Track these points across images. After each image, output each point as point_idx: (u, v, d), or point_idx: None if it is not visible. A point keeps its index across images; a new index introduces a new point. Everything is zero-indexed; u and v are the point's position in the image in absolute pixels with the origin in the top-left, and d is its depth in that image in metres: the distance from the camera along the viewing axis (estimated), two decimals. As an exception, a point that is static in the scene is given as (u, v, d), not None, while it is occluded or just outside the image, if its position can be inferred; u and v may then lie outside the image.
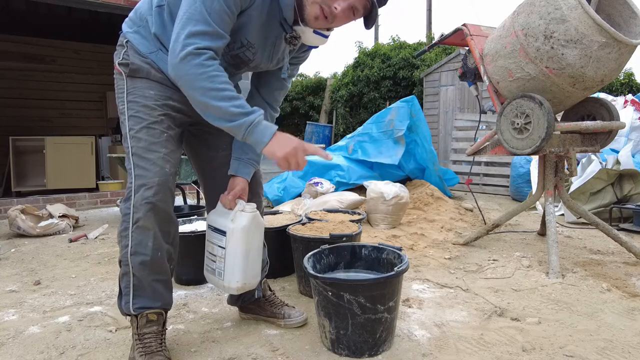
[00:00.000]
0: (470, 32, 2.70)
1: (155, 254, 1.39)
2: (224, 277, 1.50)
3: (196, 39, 1.22)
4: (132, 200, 1.36)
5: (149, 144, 1.38)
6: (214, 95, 1.23)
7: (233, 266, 1.49)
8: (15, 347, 1.60)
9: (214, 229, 1.54)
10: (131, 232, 1.37)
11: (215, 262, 1.53)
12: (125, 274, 1.41)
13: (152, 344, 1.39)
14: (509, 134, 2.42)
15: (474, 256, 2.64)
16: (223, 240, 1.49)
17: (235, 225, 1.48)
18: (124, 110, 1.40)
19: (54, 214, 3.74)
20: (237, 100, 1.26)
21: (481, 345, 1.55)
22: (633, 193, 3.54)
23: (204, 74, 1.22)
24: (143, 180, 1.36)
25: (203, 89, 1.23)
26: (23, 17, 6.41)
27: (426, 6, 15.78)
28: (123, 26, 1.45)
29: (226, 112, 1.25)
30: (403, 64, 10.23)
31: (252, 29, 1.36)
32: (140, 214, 1.35)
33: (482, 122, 5.20)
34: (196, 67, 1.22)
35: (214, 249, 1.53)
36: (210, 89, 1.23)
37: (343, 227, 2.20)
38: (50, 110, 7.16)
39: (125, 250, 1.38)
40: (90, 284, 2.30)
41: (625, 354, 1.48)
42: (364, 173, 4.17)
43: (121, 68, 1.40)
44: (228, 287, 1.52)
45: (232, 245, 1.48)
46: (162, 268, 1.43)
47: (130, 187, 1.38)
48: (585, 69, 2.15)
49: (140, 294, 1.41)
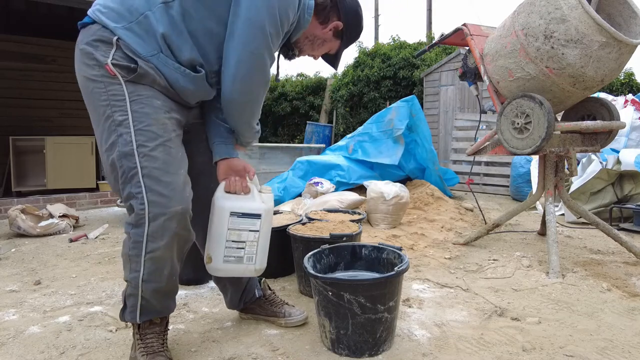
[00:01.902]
0: (471, 32, 2.70)
1: (170, 279, 1.34)
2: (256, 260, 1.49)
3: (269, 57, 1.35)
4: (145, 229, 1.22)
5: (166, 164, 1.24)
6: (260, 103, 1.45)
7: (265, 247, 1.50)
8: (16, 347, 1.60)
9: (241, 215, 1.46)
10: (144, 259, 1.26)
11: (245, 249, 1.48)
12: (133, 295, 1.32)
13: (154, 344, 1.38)
14: (509, 133, 2.42)
15: (474, 256, 2.64)
16: (257, 224, 1.47)
17: (268, 205, 1.49)
18: (126, 121, 1.22)
19: (54, 213, 3.74)
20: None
21: (481, 345, 1.55)
22: (633, 193, 3.54)
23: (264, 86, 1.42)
24: (161, 209, 1.22)
25: (262, 96, 1.42)
26: (23, 17, 6.41)
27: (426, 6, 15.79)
28: (100, 17, 1.24)
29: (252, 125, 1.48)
30: (403, 64, 10.23)
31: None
32: (158, 245, 1.24)
33: (482, 122, 5.20)
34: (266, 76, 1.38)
35: (241, 235, 1.46)
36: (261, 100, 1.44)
37: (343, 227, 2.20)
38: (51, 110, 7.15)
39: (136, 274, 1.28)
40: (90, 283, 2.30)
41: (625, 353, 1.48)
42: (364, 173, 4.17)
43: (118, 70, 1.22)
44: (260, 269, 1.51)
45: (266, 226, 1.49)
46: (173, 288, 1.39)
47: (142, 215, 1.22)
48: (585, 68, 2.15)
49: (148, 312, 1.36)
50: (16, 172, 5.33)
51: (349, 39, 1.56)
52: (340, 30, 1.51)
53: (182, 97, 1.36)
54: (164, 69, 1.27)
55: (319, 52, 1.56)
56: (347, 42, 1.57)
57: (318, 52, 1.56)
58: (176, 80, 1.30)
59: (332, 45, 1.56)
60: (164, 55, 1.26)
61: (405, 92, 9.89)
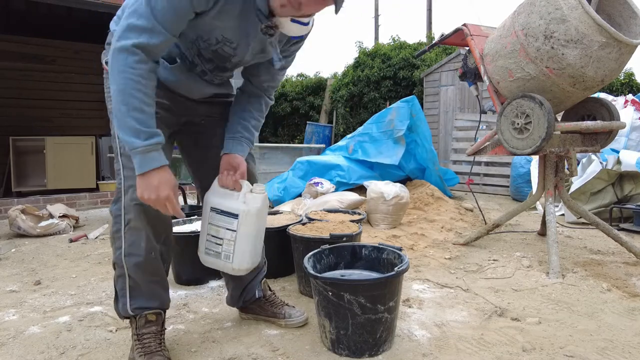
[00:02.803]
0: (471, 32, 2.70)
1: (149, 255, 1.39)
2: (234, 259, 1.47)
3: (134, 33, 1.19)
4: (122, 202, 1.35)
5: None
6: (126, 100, 1.19)
7: (244, 249, 1.47)
8: (16, 347, 1.60)
9: (220, 212, 1.47)
10: (124, 233, 1.36)
11: (222, 246, 1.48)
12: (121, 276, 1.40)
13: (151, 344, 1.39)
14: (509, 133, 2.42)
15: (474, 256, 2.64)
16: (234, 223, 1.45)
17: (249, 207, 1.44)
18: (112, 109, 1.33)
19: (54, 214, 3.74)
20: (142, 115, 1.21)
21: (481, 345, 1.55)
22: (633, 193, 3.54)
23: (128, 75, 1.19)
24: (132, 182, 1.32)
25: (121, 88, 1.20)
26: (23, 17, 6.41)
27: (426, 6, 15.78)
28: (111, 25, 1.43)
29: (126, 123, 1.20)
30: (403, 64, 10.23)
31: (227, 25, 1.31)
32: (132, 215, 1.34)
33: (482, 122, 5.20)
34: (124, 65, 1.19)
35: (219, 232, 1.47)
36: (125, 92, 1.19)
37: (343, 227, 2.20)
38: (51, 110, 7.15)
39: (119, 251, 1.38)
40: (90, 283, 2.30)
41: (625, 354, 1.48)
42: (364, 173, 4.17)
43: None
44: (238, 269, 1.49)
45: (244, 228, 1.45)
46: (156, 269, 1.43)
47: (120, 188, 1.36)
48: (585, 69, 2.15)
49: (137, 295, 1.41)
50: (16, 172, 5.33)
51: None
52: None
53: (172, 89, 1.44)
54: None
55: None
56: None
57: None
58: (161, 74, 1.39)
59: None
60: None
61: (405, 93, 9.88)
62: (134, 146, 1.21)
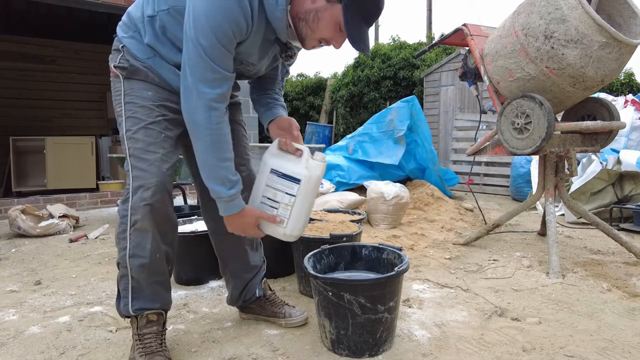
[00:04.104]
0: (471, 32, 2.70)
1: (154, 256, 1.39)
2: (288, 224, 1.43)
3: (208, 87, 1.27)
4: (130, 202, 1.36)
5: (146, 144, 1.37)
6: (215, 153, 1.31)
7: (300, 214, 1.43)
8: (16, 347, 1.60)
9: (281, 175, 1.43)
10: (129, 234, 1.37)
11: (278, 210, 1.44)
12: (124, 276, 1.41)
13: (152, 344, 1.39)
14: (509, 134, 2.42)
15: (474, 256, 2.64)
16: (294, 188, 1.41)
17: (311, 173, 1.41)
18: (121, 112, 1.41)
19: (54, 214, 3.74)
20: (230, 163, 1.34)
21: (481, 345, 1.55)
22: (633, 193, 3.54)
23: (214, 131, 1.29)
24: (141, 182, 1.35)
25: (209, 144, 1.30)
26: (23, 17, 6.41)
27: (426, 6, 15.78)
28: (118, 30, 1.45)
29: (216, 173, 1.33)
30: (403, 64, 10.23)
31: (251, 52, 1.37)
32: (139, 216, 1.35)
33: (482, 122, 5.20)
34: (209, 122, 1.28)
35: (277, 195, 1.43)
36: (215, 147, 1.30)
37: (343, 227, 2.20)
38: (51, 110, 7.15)
39: (124, 252, 1.38)
40: (90, 284, 2.30)
41: (625, 354, 1.48)
42: (364, 173, 4.17)
43: (118, 71, 1.41)
44: (290, 234, 1.45)
45: (304, 194, 1.42)
46: (160, 269, 1.43)
47: (128, 189, 1.37)
48: (585, 69, 2.15)
49: (139, 296, 1.41)
50: (16, 172, 5.34)
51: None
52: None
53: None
54: (161, 70, 1.41)
55: (321, 31, 1.29)
56: (352, 3, 1.23)
57: (319, 31, 1.29)
58: (170, 79, 1.42)
59: (332, 14, 1.25)
60: (159, 58, 1.41)
61: (405, 93, 9.88)
62: (221, 195, 1.34)
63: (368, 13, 1.26)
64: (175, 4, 1.32)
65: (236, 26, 1.23)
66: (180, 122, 1.49)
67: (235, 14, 1.22)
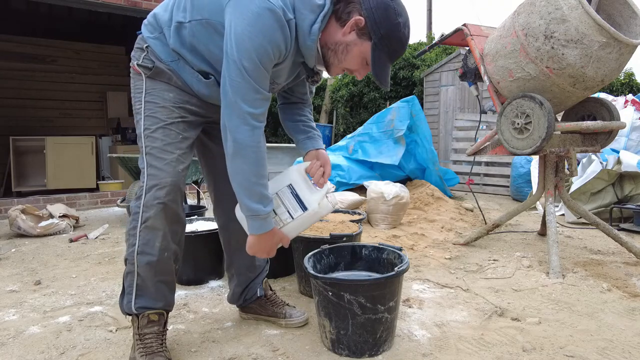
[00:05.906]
0: (471, 32, 2.70)
1: (162, 255, 1.40)
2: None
3: (250, 106, 1.27)
4: (142, 200, 1.37)
5: (164, 144, 1.39)
6: (255, 171, 1.31)
7: (287, 234, 1.47)
8: (16, 347, 1.60)
9: (295, 194, 1.47)
10: (139, 231, 1.38)
11: (274, 219, 1.47)
12: (130, 272, 1.41)
13: (152, 344, 1.40)
14: (510, 134, 2.42)
15: (475, 256, 2.64)
16: (297, 213, 1.45)
17: (319, 210, 1.45)
18: (140, 109, 1.42)
19: (55, 214, 3.74)
20: (266, 180, 1.36)
21: (481, 345, 1.55)
22: (633, 193, 3.54)
23: (256, 149, 1.30)
24: (156, 181, 1.37)
25: (251, 162, 1.30)
26: (23, 17, 6.41)
27: (426, 6, 15.77)
28: (143, 29, 1.45)
29: (255, 191, 1.32)
30: (403, 64, 10.22)
31: (281, 74, 1.40)
32: (150, 214, 1.36)
33: (482, 122, 5.20)
34: (251, 141, 1.29)
35: (279, 207, 1.47)
36: (257, 165, 1.31)
37: (343, 227, 2.20)
38: (51, 110, 7.15)
39: (132, 249, 1.39)
40: (90, 284, 2.30)
41: (625, 354, 1.48)
42: (364, 173, 4.17)
43: (141, 69, 1.41)
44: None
45: (301, 222, 1.46)
46: (167, 269, 1.44)
47: (143, 186, 1.38)
48: (585, 69, 2.15)
49: (143, 294, 1.42)
50: (16, 172, 5.34)
51: (382, 39, 1.27)
52: (362, 26, 1.28)
53: (202, 98, 1.48)
54: (183, 74, 1.43)
55: (348, 62, 1.35)
56: (381, 43, 1.28)
57: (346, 62, 1.35)
58: (192, 84, 1.44)
59: (361, 50, 1.31)
60: (182, 62, 1.42)
61: (405, 93, 9.88)
62: (257, 212, 1.33)
63: (394, 52, 1.32)
64: (211, 17, 1.31)
65: (277, 50, 1.26)
66: (198, 124, 1.52)
67: (278, 38, 1.24)
